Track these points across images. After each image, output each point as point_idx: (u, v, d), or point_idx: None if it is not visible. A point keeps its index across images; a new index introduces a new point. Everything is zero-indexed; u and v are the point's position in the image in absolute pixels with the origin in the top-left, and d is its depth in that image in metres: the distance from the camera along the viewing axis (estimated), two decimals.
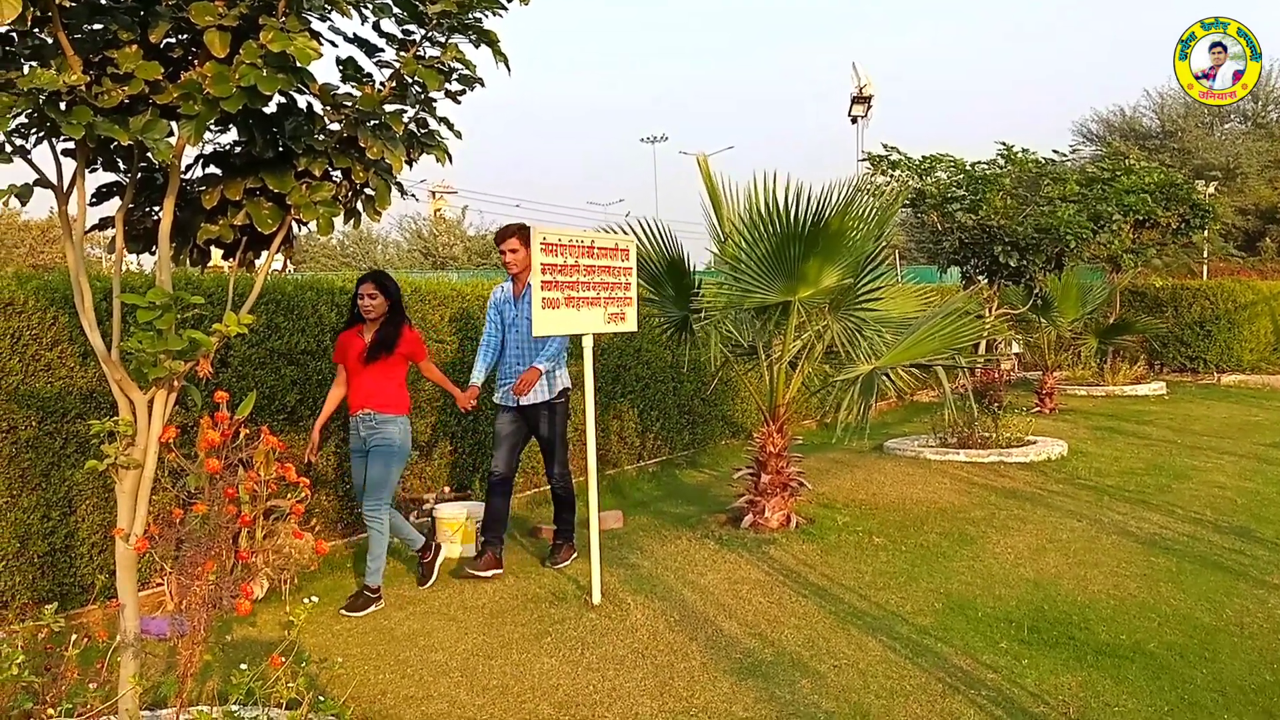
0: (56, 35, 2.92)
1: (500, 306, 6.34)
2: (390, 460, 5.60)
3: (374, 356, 5.62)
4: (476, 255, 40.12)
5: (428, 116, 3.71)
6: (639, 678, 4.45)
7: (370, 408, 5.63)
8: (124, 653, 3.29)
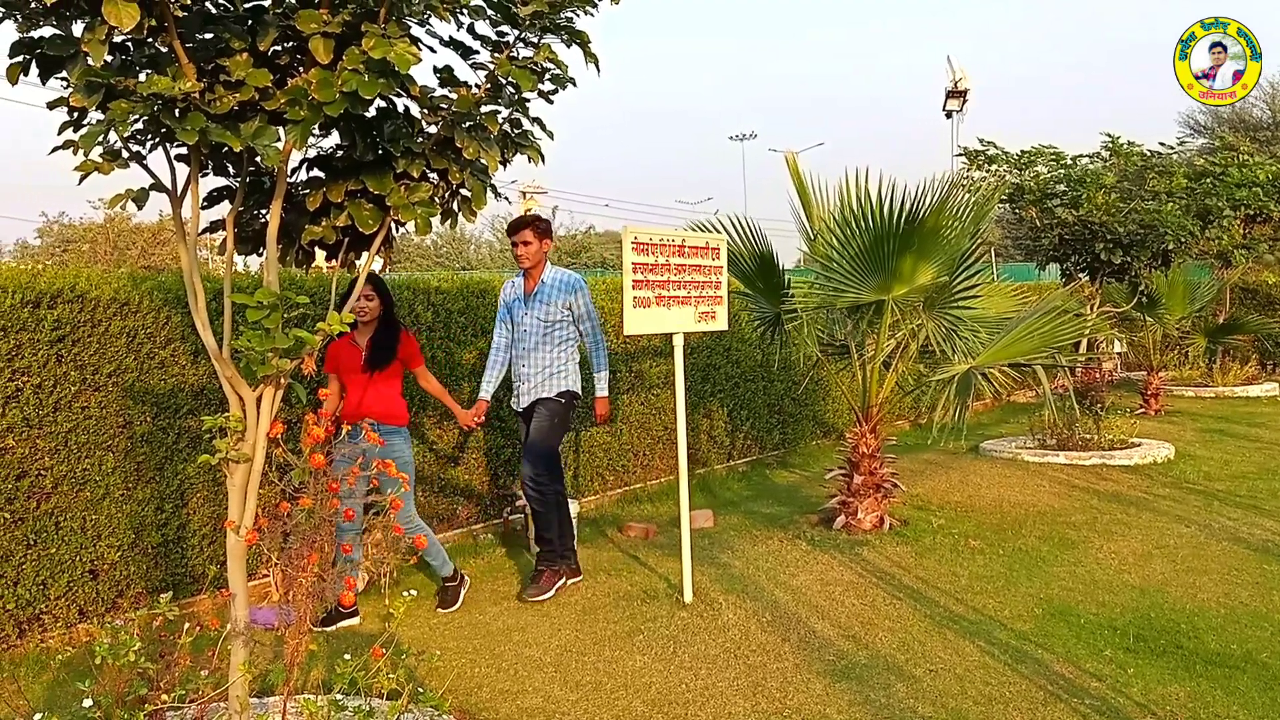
0: (172, 44, 3.03)
1: (510, 305, 5.96)
2: (401, 469, 5.11)
3: (377, 364, 5.29)
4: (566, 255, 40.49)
5: (521, 117, 3.75)
6: (731, 677, 4.44)
7: (373, 417, 5.25)
8: (234, 641, 3.40)
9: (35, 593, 4.85)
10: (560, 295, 5.78)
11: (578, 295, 5.83)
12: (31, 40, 3.15)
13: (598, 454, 8.14)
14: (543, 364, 5.80)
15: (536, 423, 5.76)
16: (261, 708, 3.69)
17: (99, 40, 2.87)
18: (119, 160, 3.28)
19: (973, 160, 10.81)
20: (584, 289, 5.87)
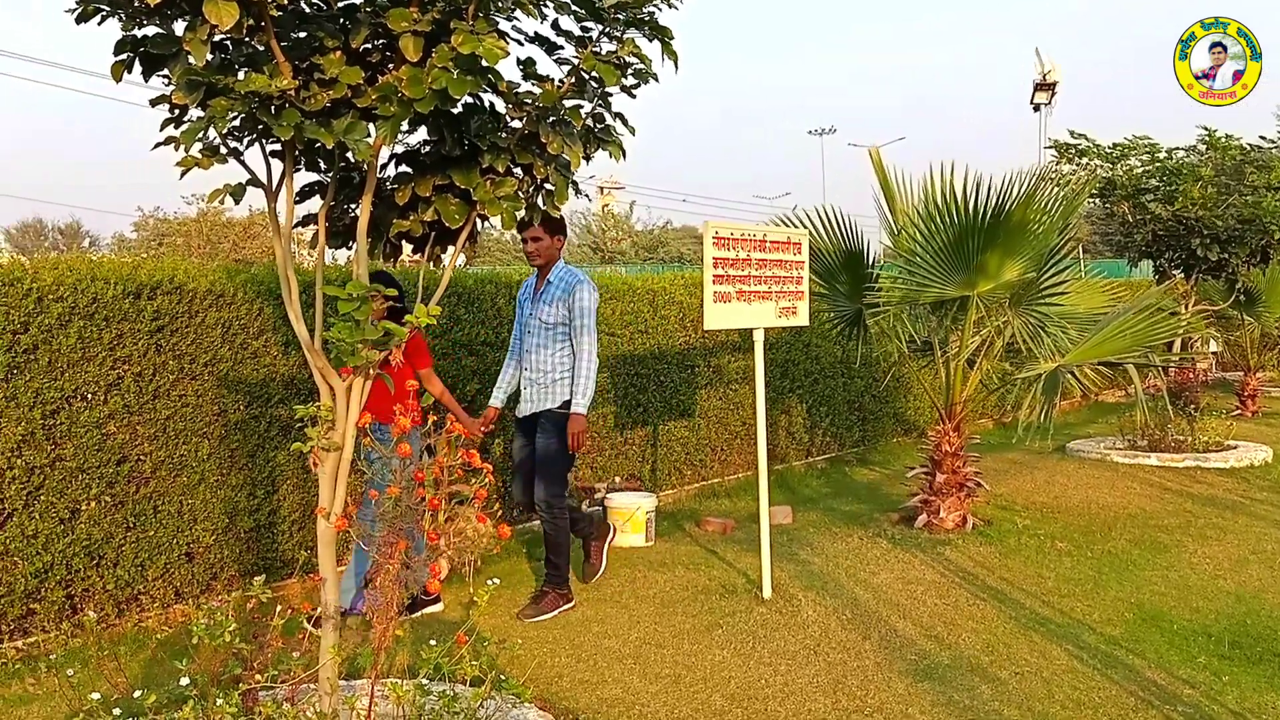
0: (269, 42, 3.11)
1: (523, 303, 5.60)
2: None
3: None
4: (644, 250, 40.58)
5: (604, 111, 3.77)
6: (811, 674, 4.41)
7: (379, 418, 5.04)
8: (324, 625, 3.49)
9: (134, 574, 5.03)
10: (562, 294, 5.35)
11: (574, 292, 5.32)
12: (134, 39, 3.27)
13: (675, 448, 8.16)
14: (543, 368, 5.39)
15: (543, 440, 5.38)
16: (349, 690, 3.77)
17: (200, 39, 2.95)
18: (217, 156, 3.38)
19: (1063, 153, 10.54)
20: (584, 286, 5.34)
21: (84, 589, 4.87)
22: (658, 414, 7.98)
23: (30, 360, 4.65)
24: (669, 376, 8.06)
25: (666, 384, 8.04)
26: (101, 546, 4.91)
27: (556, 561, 5.43)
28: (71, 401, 4.79)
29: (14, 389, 4.61)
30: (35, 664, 4.53)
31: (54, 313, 4.72)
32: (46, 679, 4.41)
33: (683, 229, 48.07)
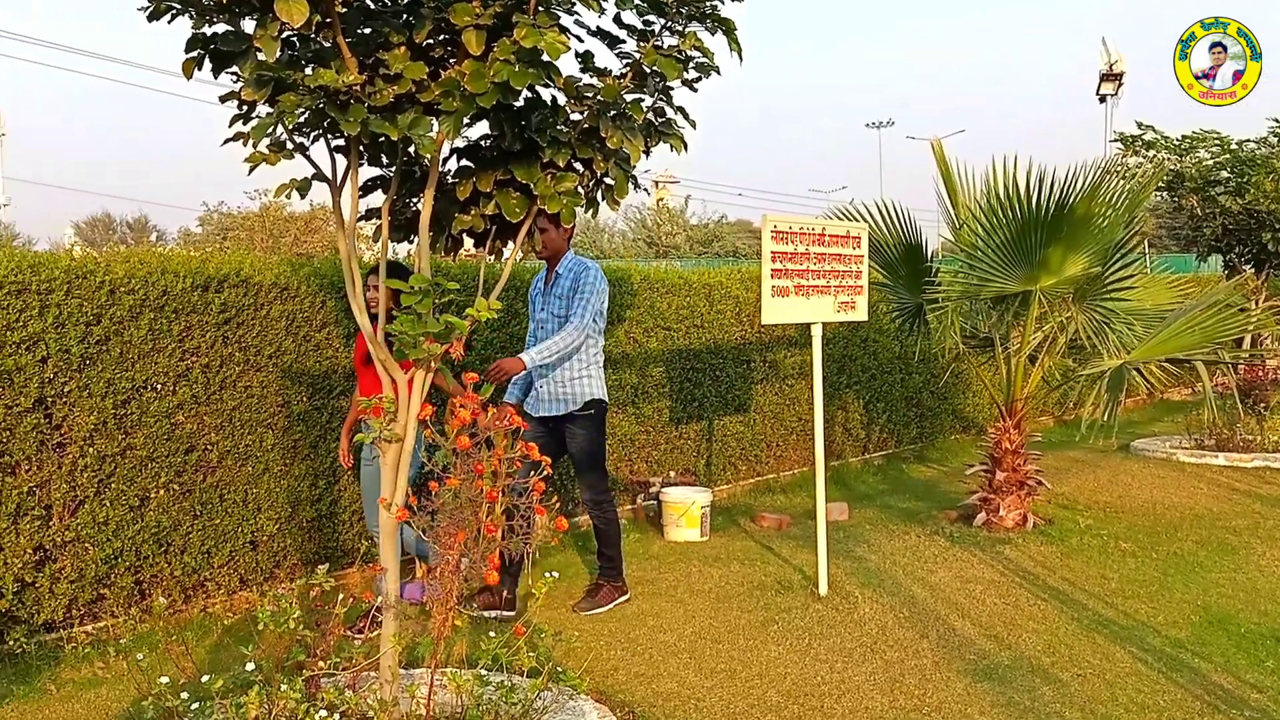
0: (335, 39, 3.15)
1: (534, 299, 5.44)
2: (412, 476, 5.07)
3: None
4: (698, 244, 40.48)
5: (665, 105, 3.77)
6: (868, 671, 4.38)
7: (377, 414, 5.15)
8: (385, 613, 3.54)
9: (200, 560, 5.14)
10: (572, 285, 5.16)
11: (582, 276, 5.15)
12: (205, 37, 3.33)
13: (730, 443, 8.14)
14: (558, 365, 5.23)
15: (575, 445, 5.28)
16: (409, 678, 3.82)
17: (271, 36, 3.00)
18: (284, 152, 3.43)
19: (1128, 145, 10.31)
20: (589, 272, 5.18)
21: (152, 575, 4.99)
22: (713, 409, 7.96)
23: (102, 351, 4.77)
24: (724, 371, 8.04)
25: (722, 379, 8.02)
26: (169, 534, 5.03)
27: (610, 554, 5.40)
28: (142, 392, 4.90)
29: (87, 379, 4.73)
30: (105, 648, 4.66)
31: (125, 305, 4.83)
32: (115, 663, 4.53)
33: (738, 223, 47.89)
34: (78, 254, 5.04)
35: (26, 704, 4.17)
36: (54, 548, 4.68)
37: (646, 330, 7.45)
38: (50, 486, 4.65)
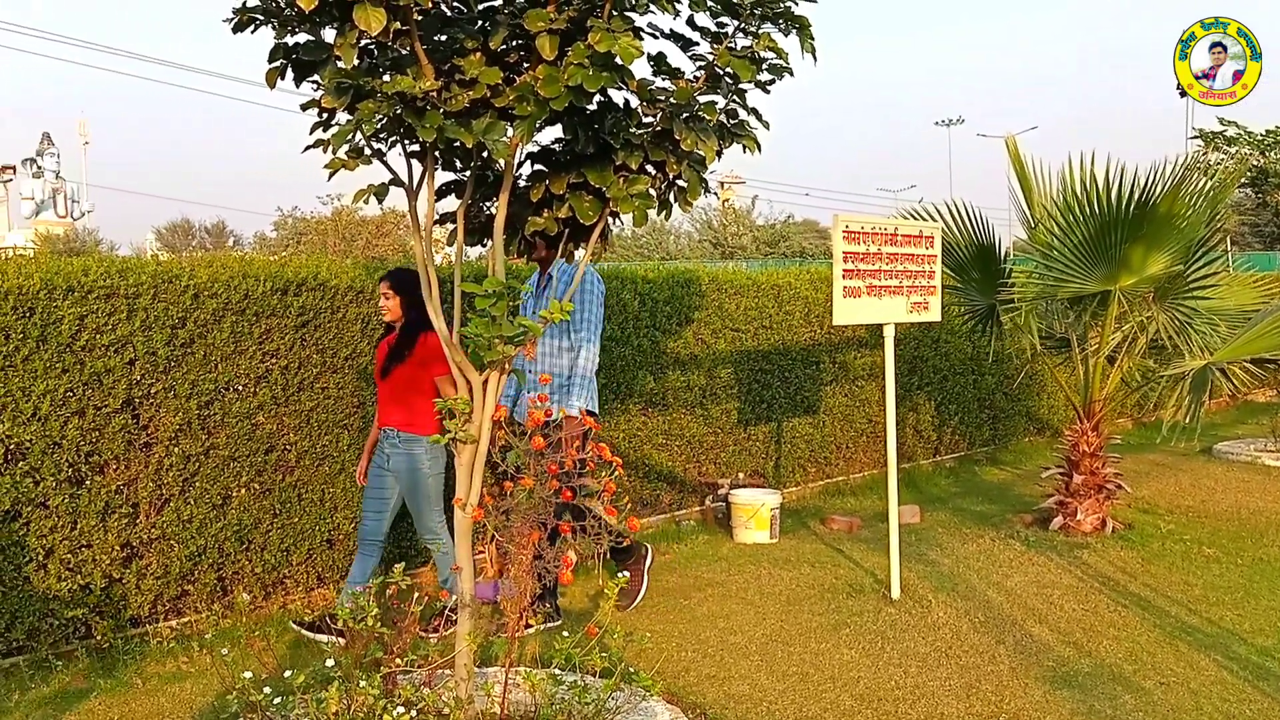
0: (413, 45, 3.20)
1: (526, 300, 5.17)
2: (421, 487, 4.94)
3: (386, 367, 4.90)
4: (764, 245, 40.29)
5: (738, 107, 3.76)
6: (943, 677, 4.32)
7: (394, 425, 4.90)
8: (461, 611, 3.58)
9: (279, 558, 5.26)
10: (565, 288, 4.89)
11: (578, 290, 4.92)
12: (286, 46, 3.41)
13: (799, 445, 8.09)
14: (553, 372, 5.04)
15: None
16: (482, 677, 3.86)
17: (350, 44, 3.07)
18: (362, 158, 3.50)
19: (1209, 142, 10.04)
20: (588, 283, 5.00)
21: (234, 572, 5.12)
22: (782, 410, 7.92)
23: (187, 353, 4.90)
24: (793, 372, 7.99)
25: (791, 380, 7.97)
26: (250, 532, 5.15)
27: (629, 561, 5.37)
28: (224, 393, 5.03)
29: (172, 380, 4.86)
30: (188, 643, 4.78)
31: (209, 308, 4.96)
32: (199, 657, 4.65)
33: (804, 223, 47.56)
34: (164, 258, 5.18)
35: (113, 697, 4.30)
36: (140, 545, 4.83)
37: (714, 331, 7.44)
38: (137, 485, 4.80)
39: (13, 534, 4.47)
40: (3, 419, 4.41)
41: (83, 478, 4.65)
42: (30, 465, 4.49)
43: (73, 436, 4.58)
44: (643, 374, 6.91)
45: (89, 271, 4.66)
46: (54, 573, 4.58)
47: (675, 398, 7.17)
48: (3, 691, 4.31)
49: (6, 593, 4.48)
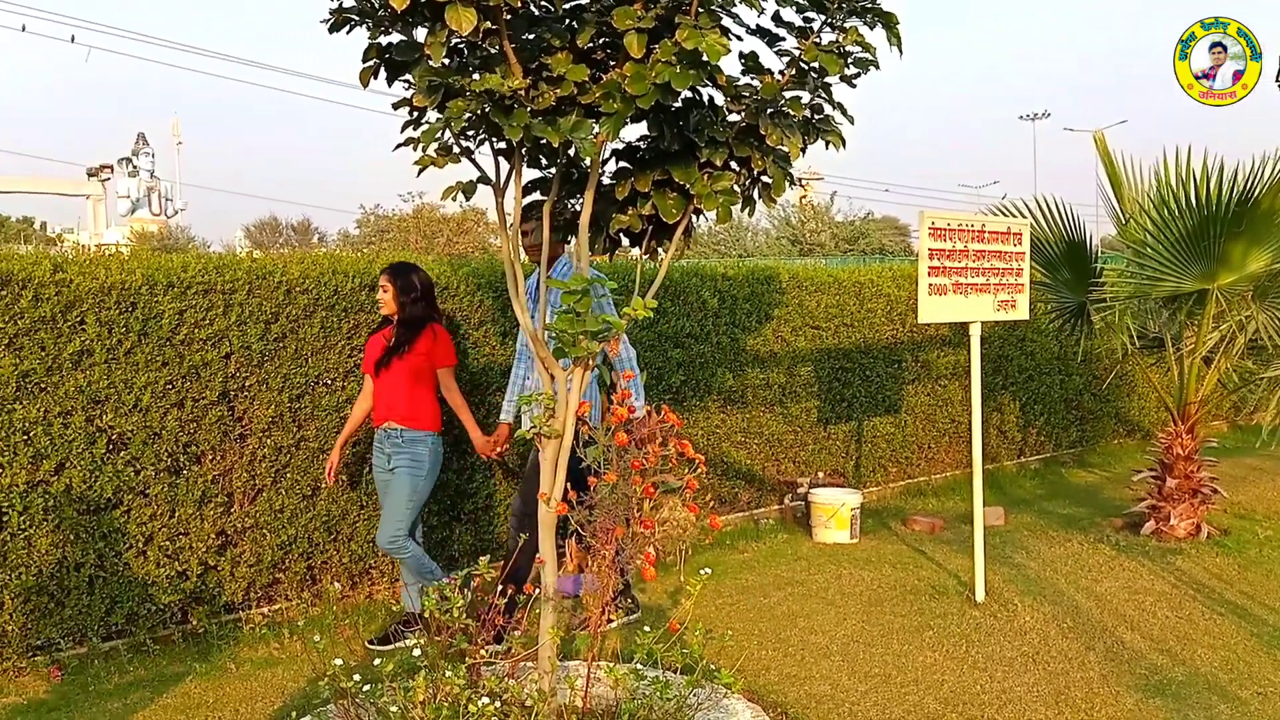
0: (502, 45, 3.24)
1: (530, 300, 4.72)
2: (415, 481, 4.77)
3: (383, 360, 4.81)
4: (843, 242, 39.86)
5: (823, 102, 3.73)
6: (1030, 682, 4.24)
7: (394, 421, 4.79)
8: (544, 605, 3.62)
9: (366, 549, 5.36)
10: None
11: None
12: (379, 46, 3.49)
13: (880, 444, 7.99)
14: None
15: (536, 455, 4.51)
16: (564, 670, 3.90)
17: (440, 43, 3.12)
18: (450, 156, 3.56)
19: None
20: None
21: (322, 561, 5.24)
22: (862, 409, 7.84)
23: (280, 348, 5.03)
24: (874, 371, 7.90)
25: (872, 378, 7.89)
26: (338, 522, 5.27)
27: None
28: (314, 387, 5.15)
29: (265, 374, 5.00)
30: (279, 629, 4.91)
31: (300, 304, 5.09)
32: (290, 644, 4.78)
33: (884, 219, 46.93)
34: (256, 255, 5.33)
35: (208, 681, 4.43)
36: (234, 533, 4.97)
37: (794, 329, 7.39)
38: (232, 475, 4.94)
39: (114, 521, 4.64)
40: (106, 410, 4.58)
41: (180, 467, 4.80)
42: (131, 454, 4.66)
43: (172, 427, 4.74)
44: (721, 371, 6.89)
45: (188, 268, 4.81)
46: (153, 559, 4.74)
47: (754, 395, 7.14)
48: (103, 674, 4.48)
49: (107, 578, 4.65)
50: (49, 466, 4.46)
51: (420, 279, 4.87)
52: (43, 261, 4.52)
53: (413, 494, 4.78)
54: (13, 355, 4.38)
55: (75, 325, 4.52)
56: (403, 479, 4.78)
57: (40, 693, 4.30)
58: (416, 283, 4.84)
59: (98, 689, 4.34)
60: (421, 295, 4.85)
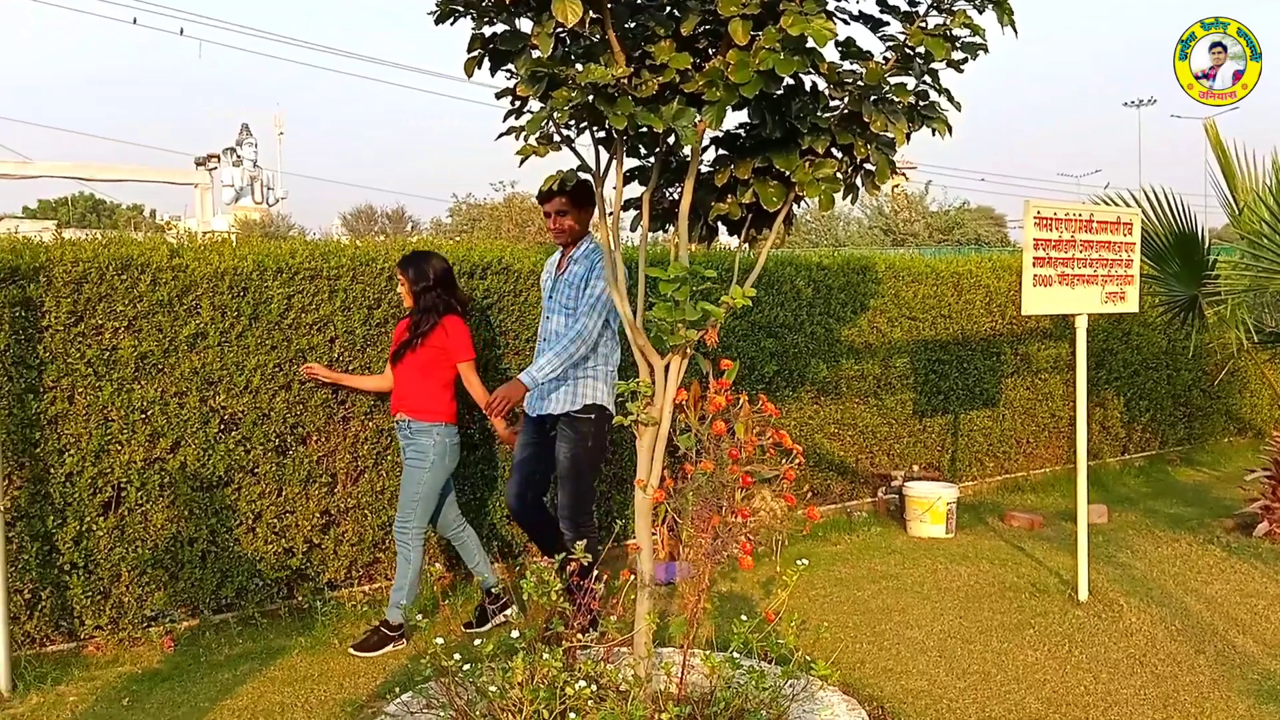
0: (607, 34, 3.25)
1: (545, 284, 4.79)
2: (418, 474, 4.67)
3: (398, 353, 4.73)
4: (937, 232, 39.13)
5: (929, 88, 3.66)
6: (1137, 685, 4.12)
7: (404, 412, 4.71)
8: (640, 592, 3.64)
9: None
10: (586, 274, 4.51)
11: (595, 270, 4.48)
12: (484, 37, 3.53)
13: (976, 438, 7.84)
14: None
15: (564, 449, 4.56)
16: (657, 656, 3.92)
17: (547, 33, 3.14)
18: (552, 145, 3.59)
19: None
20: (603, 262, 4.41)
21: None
22: (959, 402, 7.69)
23: (381, 333, 5.14)
24: (972, 363, 7.74)
25: (969, 371, 7.73)
26: None
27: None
28: None
29: (368, 359, 5.12)
30: (379, 608, 5.03)
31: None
32: None
33: (979, 209, 45.91)
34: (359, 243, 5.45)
35: (313, 655, 4.56)
36: (338, 513, 5.11)
37: (890, 320, 7.28)
38: (335, 456, 5.07)
39: (225, 498, 4.81)
40: (219, 390, 4.75)
41: (288, 447, 4.95)
42: (242, 434, 4.82)
43: (280, 409, 4.89)
44: (815, 361, 6.83)
45: (295, 254, 4.95)
46: (261, 536, 4.90)
47: (848, 386, 7.06)
48: (214, 645, 4.65)
49: (218, 553, 4.82)
50: (165, 445, 4.64)
51: (434, 266, 4.72)
52: (160, 247, 4.70)
53: (417, 485, 4.67)
54: (132, 337, 4.56)
55: (191, 309, 4.69)
56: (407, 470, 4.72)
57: (154, 662, 4.48)
58: (429, 270, 4.70)
59: (209, 660, 4.50)
60: (435, 283, 4.69)
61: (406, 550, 4.69)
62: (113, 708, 4.02)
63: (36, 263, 4.38)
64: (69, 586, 4.48)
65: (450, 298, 4.74)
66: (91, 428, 4.48)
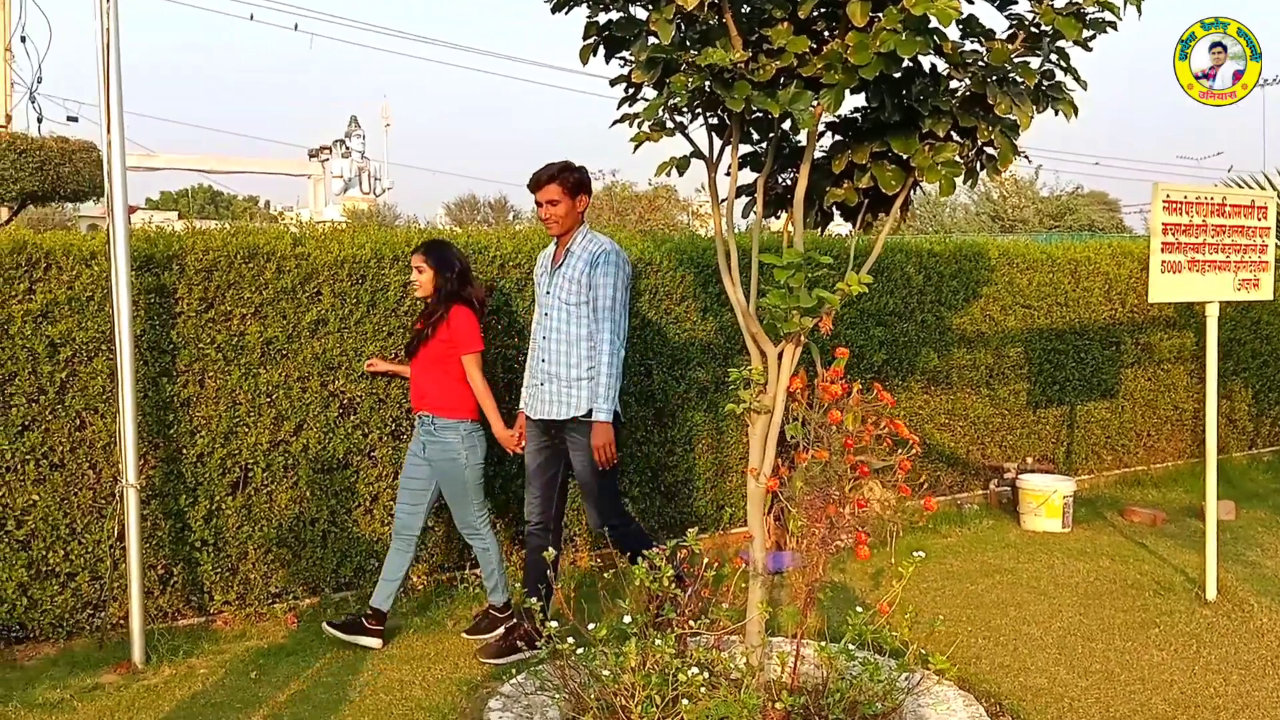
0: (724, 18, 3.23)
1: (539, 279, 4.61)
2: (458, 479, 4.57)
3: (412, 347, 4.62)
4: (1048, 218, 37.94)
5: (1054, 68, 3.54)
6: (1270, 688, 3.94)
7: (426, 409, 4.57)
8: (752, 580, 3.63)
9: (570, 517, 5.50)
10: (585, 268, 4.35)
11: (598, 269, 4.32)
12: (599, 24, 3.54)
13: (1094, 430, 7.59)
14: (564, 360, 4.39)
15: (579, 459, 4.43)
16: (770, 646, 3.90)
17: (665, 19, 3.13)
18: (665, 130, 3.58)
19: None
20: (612, 262, 4.35)
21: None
22: (1075, 393, 7.45)
23: (493, 320, 5.21)
24: (1090, 353, 7.50)
25: (1087, 361, 7.49)
26: None
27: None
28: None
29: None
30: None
31: (513, 278, 5.26)
32: None
33: (1092, 195, 44.35)
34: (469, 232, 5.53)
35: (427, 635, 4.67)
36: None
37: (1004, 308, 7.10)
38: None
39: (344, 480, 4.95)
40: (339, 376, 4.88)
41: (402, 432, 5.06)
42: (360, 419, 4.95)
43: (395, 394, 5.00)
44: (925, 350, 6.70)
45: (411, 242, 5.04)
46: (378, 518, 5.03)
47: (959, 376, 6.91)
48: None
49: (338, 533, 4.96)
50: (289, 428, 4.80)
51: (458, 255, 4.61)
52: (284, 236, 4.85)
53: (460, 486, 4.58)
54: (258, 323, 4.72)
55: (313, 295, 4.83)
56: (443, 471, 4.58)
57: (278, 638, 4.64)
58: (453, 259, 4.57)
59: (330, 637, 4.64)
60: (459, 274, 4.57)
61: (481, 542, 4.67)
62: (241, 680, 4.17)
63: (170, 251, 4.57)
64: (199, 563, 4.67)
65: (463, 289, 4.58)
66: (221, 410, 4.66)
